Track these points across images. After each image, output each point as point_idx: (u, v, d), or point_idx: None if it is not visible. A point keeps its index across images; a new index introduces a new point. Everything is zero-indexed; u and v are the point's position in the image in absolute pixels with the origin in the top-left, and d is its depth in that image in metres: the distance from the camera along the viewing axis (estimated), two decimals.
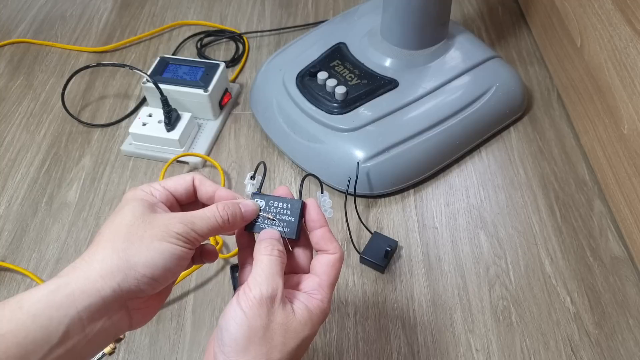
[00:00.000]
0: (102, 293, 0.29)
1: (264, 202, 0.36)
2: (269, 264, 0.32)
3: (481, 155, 0.69)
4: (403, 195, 0.65)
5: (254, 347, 0.30)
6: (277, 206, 0.36)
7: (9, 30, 0.92)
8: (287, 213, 0.36)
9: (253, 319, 0.30)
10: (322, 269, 0.35)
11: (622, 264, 0.58)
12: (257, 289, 0.31)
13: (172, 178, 0.36)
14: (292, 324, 0.31)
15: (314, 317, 0.33)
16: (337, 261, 0.35)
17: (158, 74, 0.72)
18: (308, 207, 0.36)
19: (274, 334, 0.31)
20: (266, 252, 0.33)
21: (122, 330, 0.32)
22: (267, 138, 0.71)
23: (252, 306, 0.30)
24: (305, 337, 0.32)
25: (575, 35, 0.70)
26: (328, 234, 0.36)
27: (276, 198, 0.36)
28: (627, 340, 0.52)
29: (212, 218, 0.33)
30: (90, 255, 0.30)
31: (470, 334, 0.53)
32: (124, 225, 0.31)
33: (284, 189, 0.37)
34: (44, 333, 0.27)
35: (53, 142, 0.73)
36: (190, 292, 0.57)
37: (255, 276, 0.32)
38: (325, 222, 0.36)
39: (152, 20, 0.92)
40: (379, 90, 0.66)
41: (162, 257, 0.30)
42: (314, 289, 0.34)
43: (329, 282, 0.35)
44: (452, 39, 0.72)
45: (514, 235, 0.61)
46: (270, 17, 0.91)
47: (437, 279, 0.57)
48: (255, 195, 0.37)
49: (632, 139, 0.57)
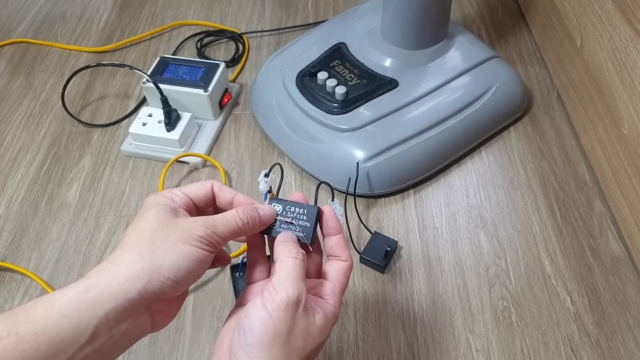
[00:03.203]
0: (129, 295, 0.29)
1: (281, 207, 0.37)
2: (294, 267, 0.33)
3: (481, 155, 0.69)
4: (403, 195, 0.65)
5: (277, 350, 0.31)
6: (294, 211, 0.37)
7: (9, 30, 0.92)
8: (304, 218, 0.37)
9: (278, 321, 0.31)
10: (335, 275, 0.36)
11: (622, 264, 0.58)
12: (284, 292, 0.31)
13: (191, 185, 0.37)
14: (313, 330, 0.32)
15: (328, 323, 0.34)
16: (349, 269, 0.36)
17: (158, 74, 0.72)
18: (326, 214, 0.37)
19: (296, 338, 0.31)
20: (291, 254, 0.34)
21: (145, 331, 0.32)
22: (267, 138, 0.71)
23: (278, 309, 0.31)
24: (321, 342, 0.33)
25: (575, 35, 0.70)
26: (343, 241, 0.37)
27: (293, 203, 0.37)
28: (627, 340, 0.52)
29: (232, 221, 0.34)
30: (117, 258, 0.31)
31: (470, 334, 0.53)
32: (149, 229, 0.32)
33: (300, 195, 0.38)
34: (74, 332, 0.28)
35: (53, 142, 0.73)
36: (190, 292, 0.57)
37: (280, 279, 0.32)
38: (341, 230, 0.37)
39: (152, 20, 0.92)
40: (379, 90, 0.66)
41: (185, 260, 0.31)
42: (328, 294, 0.35)
43: (341, 289, 0.36)
44: (452, 39, 0.72)
45: (514, 235, 0.61)
46: (270, 17, 0.91)
47: (437, 279, 0.57)
48: (273, 200, 0.38)
49: (632, 139, 0.57)
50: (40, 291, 0.57)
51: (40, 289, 0.58)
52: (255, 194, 0.66)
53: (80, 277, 0.60)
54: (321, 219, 0.37)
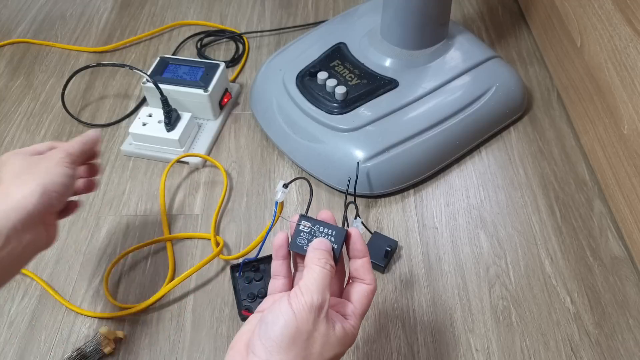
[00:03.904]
0: (28, 209, 0.39)
1: (310, 225, 0.38)
2: (322, 275, 0.34)
3: (481, 155, 0.69)
4: (403, 195, 0.65)
5: (295, 349, 0.32)
6: (322, 231, 0.38)
7: (9, 30, 0.92)
8: (332, 240, 0.38)
9: (301, 321, 0.32)
10: (357, 297, 0.37)
11: (622, 264, 0.58)
12: (309, 296, 0.33)
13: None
14: (331, 338, 0.33)
15: (347, 339, 0.35)
16: (372, 293, 0.37)
17: (158, 74, 0.72)
18: (353, 236, 0.38)
19: (314, 342, 0.32)
20: (320, 263, 0.35)
21: (42, 243, 0.42)
22: (267, 138, 0.71)
23: (302, 310, 0.32)
24: (337, 353, 0.34)
25: (575, 35, 0.70)
26: (368, 264, 0.38)
27: (322, 223, 0.38)
28: (627, 340, 0.52)
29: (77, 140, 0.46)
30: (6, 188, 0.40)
31: (470, 334, 0.53)
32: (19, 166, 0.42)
33: (328, 214, 0.39)
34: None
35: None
36: (190, 293, 0.57)
37: (307, 283, 0.34)
38: (367, 253, 0.38)
39: (152, 20, 0.92)
40: (379, 90, 0.66)
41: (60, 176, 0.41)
42: (349, 314, 0.36)
43: (362, 311, 0.37)
44: (452, 39, 0.72)
45: (514, 235, 0.61)
46: (270, 17, 0.91)
47: (437, 279, 0.57)
48: (302, 217, 0.38)
49: (632, 139, 0.57)
50: (41, 291, 0.57)
51: (40, 289, 0.58)
52: (255, 193, 0.66)
53: (80, 277, 0.60)
54: (348, 240, 0.38)
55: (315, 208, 0.64)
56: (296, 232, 0.38)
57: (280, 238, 0.39)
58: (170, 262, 0.59)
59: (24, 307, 0.56)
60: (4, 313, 0.56)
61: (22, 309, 0.56)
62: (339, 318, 0.35)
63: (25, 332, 0.55)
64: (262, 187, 0.67)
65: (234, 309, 0.56)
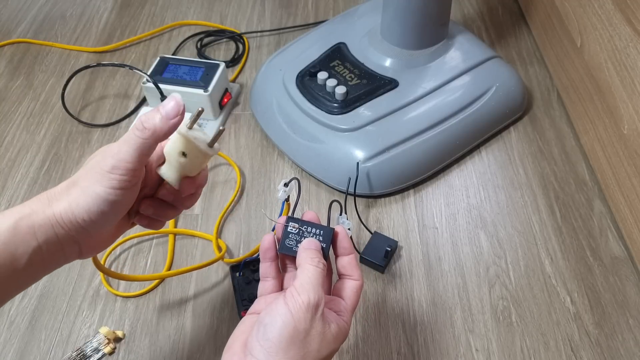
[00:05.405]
0: (56, 230, 0.34)
1: (297, 226, 0.39)
2: (315, 274, 0.35)
3: (481, 155, 0.69)
4: (403, 195, 0.65)
5: (294, 349, 0.32)
6: (310, 231, 0.39)
7: (9, 30, 0.92)
8: (320, 239, 0.39)
9: (299, 321, 0.32)
10: (347, 293, 0.38)
11: (622, 264, 0.58)
12: (305, 295, 0.33)
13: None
14: (327, 336, 0.34)
15: (341, 335, 0.35)
16: (360, 288, 0.38)
17: (158, 74, 0.72)
18: (339, 235, 0.39)
19: (312, 340, 0.33)
20: (313, 262, 0.36)
21: (72, 258, 0.37)
22: (267, 138, 0.71)
23: (299, 309, 0.32)
24: (333, 350, 0.34)
25: (575, 35, 0.70)
26: (355, 261, 0.39)
27: (309, 224, 0.39)
28: (627, 340, 0.52)
29: (132, 136, 0.33)
30: (56, 194, 0.35)
31: (470, 334, 0.53)
32: (79, 175, 0.35)
33: (313, 214, 0.40)
34: (11, 259, 0.33)
35: (53, 142, 0.73)
36: (191, 293, 0.57)
37: (302, 283, 0.34)
38: (353, 250, 0.39)
39: (152, 20, 0.92)
40: (379, 90, 0.66)
41: (95, 202, 0.33)
42: (341, 311, 0.37)
43: (352, 307, 0.37)
44: (452, 39, 0.72)
45: (514, 235, 0.61)
46: (270, 17, 0.91)
47: (437, 279, 0.57)
48: (290, 219, 0.39)
49: (632, 139, 0.57)
50: (40, 291, 0.57)
51: (40, 289, 0.58)
52: (255, 193, 0.66)
53: (80, 277, 0.60)
54: (335, 239, 0.39)
55: (315, 208, 0.64)
56: (284, 234, 0.39)
57: (268, 240, 0.39)
58: (169, 256, 0.59)
59: (24, 307, 0.56)
60: (4, 313, 0.56)
61: (22, 309, 0.56)
62: (333, 315, 0.36)
63: (25, 332, 0.55)
64: (262, 187, 0.67)
65: (234, 309, 0.56)
